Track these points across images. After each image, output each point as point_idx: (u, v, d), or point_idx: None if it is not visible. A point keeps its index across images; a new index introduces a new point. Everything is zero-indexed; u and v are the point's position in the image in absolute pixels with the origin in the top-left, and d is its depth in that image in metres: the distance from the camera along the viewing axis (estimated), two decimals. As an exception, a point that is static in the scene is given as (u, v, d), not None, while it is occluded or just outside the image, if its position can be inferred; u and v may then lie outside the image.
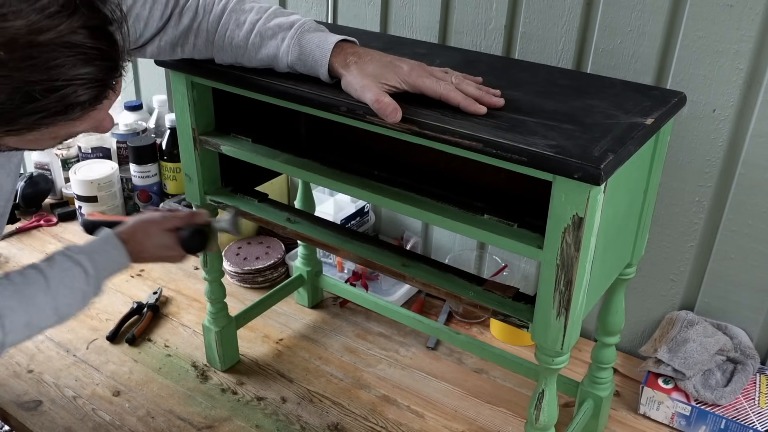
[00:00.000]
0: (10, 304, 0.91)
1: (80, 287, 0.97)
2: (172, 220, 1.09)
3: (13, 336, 0.91)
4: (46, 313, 0.94)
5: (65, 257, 0.98)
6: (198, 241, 1.10)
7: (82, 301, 0.99)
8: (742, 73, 1.08)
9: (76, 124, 0.75)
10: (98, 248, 1.03)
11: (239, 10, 0.96)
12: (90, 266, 0.98)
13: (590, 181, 0.72)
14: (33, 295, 0.93)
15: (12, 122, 0.69)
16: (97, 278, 1.00)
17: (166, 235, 1.08)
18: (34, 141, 0.76)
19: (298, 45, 0.91)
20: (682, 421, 1.19)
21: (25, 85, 0.66)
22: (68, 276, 0.96)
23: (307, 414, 1.24)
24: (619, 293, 1.07)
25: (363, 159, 1.07)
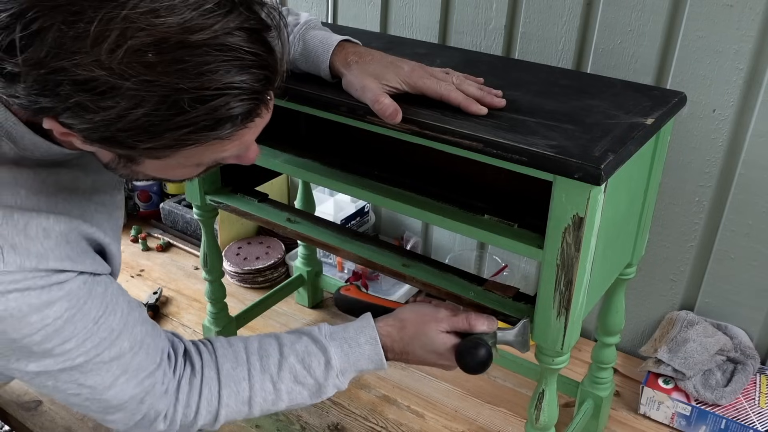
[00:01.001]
0: (236, 374, 0.86)
1: (315, 378, 0.88)
2: (452, 319, 0.89)
3: (228, 411, 0.86)
4: (268, 395, 0.87)
5: (311, 339, 0.89)
6: (479, 359, 0.86)
7: (314, 393, 0.89)
8: (742, 73, 1.08)
9: (225, 146, 0.66)
10: (351, 339, 0.90)
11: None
12: (336, 359, 0.88)
13: (590, 181, 0.72)
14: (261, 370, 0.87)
15: (157, 137, 0.60)
16: (342, 373, 0.89)
17: (443, 338, 0.89)
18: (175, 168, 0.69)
19: (301, 40, 0.91)
20: (682, 421, 1.19)
21: (174, 93, 0.58)
22: (306, 362, 0.88)
23: (307, 414, 1.24)
24: (619, 293, 1.07)
25: (363, 159, 1.07)
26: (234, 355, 0.87)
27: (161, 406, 0.82)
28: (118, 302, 0.77)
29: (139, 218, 1.81)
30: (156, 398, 0.81)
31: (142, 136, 0.60)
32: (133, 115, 0.58)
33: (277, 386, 0.87)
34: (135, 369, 0.79)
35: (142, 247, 1.70)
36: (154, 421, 0.83)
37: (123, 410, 0.80)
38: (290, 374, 0.88)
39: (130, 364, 0.78)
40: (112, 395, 0.78)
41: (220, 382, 0.85)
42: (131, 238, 1.73)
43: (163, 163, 0.67)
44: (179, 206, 1.72)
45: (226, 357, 0.87)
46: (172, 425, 0.84)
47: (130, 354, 0.78)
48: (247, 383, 0.86)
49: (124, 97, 0.57)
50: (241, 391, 0.86)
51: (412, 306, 0.94)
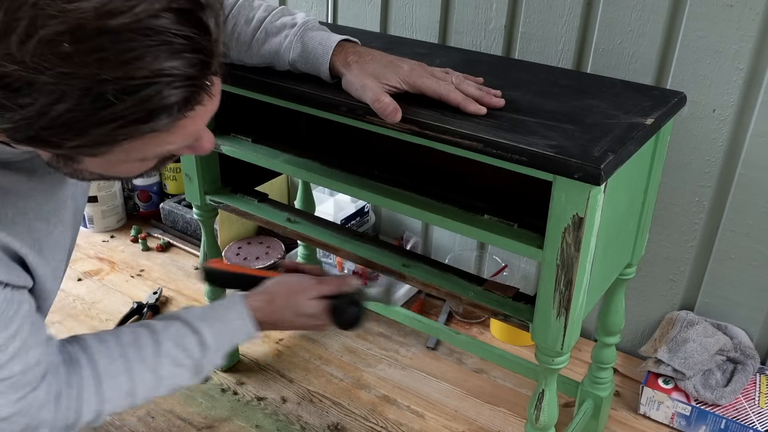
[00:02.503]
0: (113, 368, 0.83)
1: (194, 358, 0.88)
2: (319, 287, 0.95)
3: (111, 405, 0.84)
4: (149, 383, 0.85)
5: (183, 322, 0.89)
6: (353, 314, 0.95)
7: (194, 373, 0.89)
8: (742, 73, 1.08)
9: (166, 139, 0.61)
10: (222, 316, 0.92)
11: (248, 6, 0.96)
12: (209, 337, 0.89)
13: (590, 181, 0.72)
14: (140, 360, 0.85)
15: (84, 134, 0.56)
16: (216, 350, 0.90)
17: (313, 305, 0.95)
18: (118, 164, 0.65)
19: (300, 42, 0.91)
20: (682, 421, 1.19)
21: (96, 85, 0.53)
22: (181, 344, 0.88)
23: (307, 414, 1.24)
24: (619, 293, 1.07)
25: (363, 159, 1.07)
26: (107, 349, 0.85)
27: (44, 415, 0.80)
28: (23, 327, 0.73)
29: (139, 218, 1.81)
30: (38, 410, 0.79)
31: (67, 134, 0.56)
32: (54, 112, 0.54)
33: (157, 373, 0.86)
34: (21, 385, 0.75)
35: (142, 247, 1.70)
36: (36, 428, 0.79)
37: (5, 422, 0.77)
38: (168, 359, 0.87)
39: (16, 383, 0.74)
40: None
41: (99, 380, 0.82)
42: (131, 238, 1.73)
43: (103, 161, 0.63)
44: (179, 206, 1.72)
45: (100, 353, 0.84)
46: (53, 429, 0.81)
47: (20, 375, 0.74)
48: (126, 376, 0.84)
49: (42, 93, 0.53)
50: (122, 384, 0.84)
51: (280, 278, 0.97)
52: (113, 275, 1.60)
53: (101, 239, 1.74)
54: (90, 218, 1.74)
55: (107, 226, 1.76)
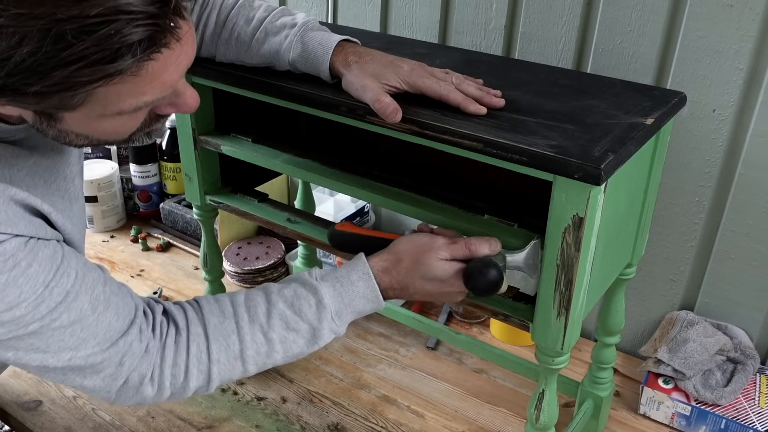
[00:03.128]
0: (224, 327, 0.81)
1: (309, 321, 0.83)
2: (452, 248, 0.84)
3: (220, 368, 0.81)
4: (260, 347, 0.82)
5: (300, 283, 0.85)
6: (491, 279, 0.81)
7: (310, 339, 0.83)
8: (742, 73, 1.08)
9: (138, 87, 0.61)
10: (343, 277, 0.85)
11: (249, 6, 0.96)
12: (327, 297, 0.83)
13: (590, 181, 0.72)
14: (251, 321, 0.81)
15: (47, 76, 0.57)
16: (336, 314, 0.84)
17: (445, 266, 0.83)
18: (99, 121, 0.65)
19: (300, 42, 0.91)
20: (682, 421, 1.19)
21: (55, 25, 0.54)
22: (296, 306, 0.83)
23: (307, 414, 1.24)
24: (619, 293, 1.07)
25: (363, 159, 1.07)
26: (220, 309, 0.83)
27: (144, 367, 0.78)
28: (70, 264, 0.73)
29: (139, 218, 1.81)
30: (136, 359, 0.77)
31: (32, 78, 0.57)
32: (18, 56, 0.55)
33: (268, 336, 0.82)
34: (104, 329, 0.75)
35: (142, 247, 1.70)
36: (139, 385, 0.78)
37: (100, 373, 0.76)
38: (281, 321, 0.82)
39: (97, 325, 0.74)
40: (82, 358, 0.74)
41: (208, 338, 0.81)
42: (131, 238, 1.73)
43: (81, 116, 0.63)
44: (179, 206, 1.72)
45: (212, 312, 0.82)
46: (161, 389, 0.80)
47: (94, 315, 0.74)
48: (236, 336, 0.81)
49: (2, 37, 0.55)
50: (232, 345, 0.81)
51: (408, 237, 0.88)
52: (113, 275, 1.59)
53: (101, 239, 1.74)
54: (90, 218, 1.74)
55: (107, 226, 1.76)
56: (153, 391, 0.80)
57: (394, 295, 0.87)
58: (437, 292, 0.86)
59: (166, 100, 0.70)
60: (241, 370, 0.84)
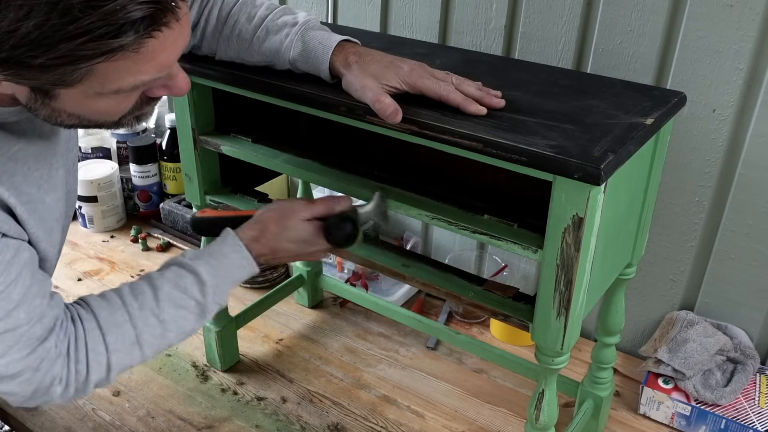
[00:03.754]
0: (115, 318, 0.83)
1: (194, 298, 0.86)
2: (311, 208, 0.93)
3: (119, 357, 0.83)
4: (154, 329, 0.85)
5: (177, 265, 0.88)
6: (348, 231, 0.92)
7: (199, 315, 0.87)
8: (742, 73, 1.08)
9: (138, 64, 0.63)
10: (216, 252, 0.90)
11: (251, 4, 0.96)
12: (205, 274, 0.87)
13: (590, 181, 0.72)
14: (140, 307, 0.84)
15: (52, 49, 0.58)
16: (217, 287, 0.88)
17: (307, 226, 0.92)
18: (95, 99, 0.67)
19: (301, 41, 0.91)
20: (682, 421, 1.19)
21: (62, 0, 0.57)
22: (180, 285, 0.86)
23: (307, 414, 1.24)
24: (619, 293, 1.07)
25: (363, 159, 1.07)
26: (108, 302, 0.85)
27: (56, 370, 0.79)
28: (22, 273, 0.74)
29: (139, 218, 1.81)
30: (51, 364, 0.79)
31: (37, 50, 0.58)
32: (24, 28, 0.57)
33: (160, 317, 0.85)
34: (28, 338, 0.76)
35: (142, 247, 1.70)
36: (50, 386, 0.80)
37: (17, 379, 0.77)
38: (169, 301, 0.85)
39: (24, 335, 0.75)
40: (4, 366, 0.75)
41: (102, 329, 0.82)
42: (131, 238, 1.73)
43: (78, 93, 0.64)
44: (179, 206, 1.72)
45: (101, 306, 0.84)
46: (67, 387, 0.81)
47: (27, 326, 0.75)
48: (129, 324, 0.83)
49: (10, 9, 0.57)
50: (126, 333, 0.83)
51: (269, 205, 0.94)
52: (113, 275, 1.60)
53: (101, 239, 1.74)
54: (90, 218, 1.74)
55: (107, 226, 1.76)
56: (60, 389, 0.81)
57: (266, 260, 0.92)
58: (304, 252, 0.93)
59: (160, 82, 0.71)
60: (139, 355, 0.85)
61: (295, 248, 0.92)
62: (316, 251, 0.93)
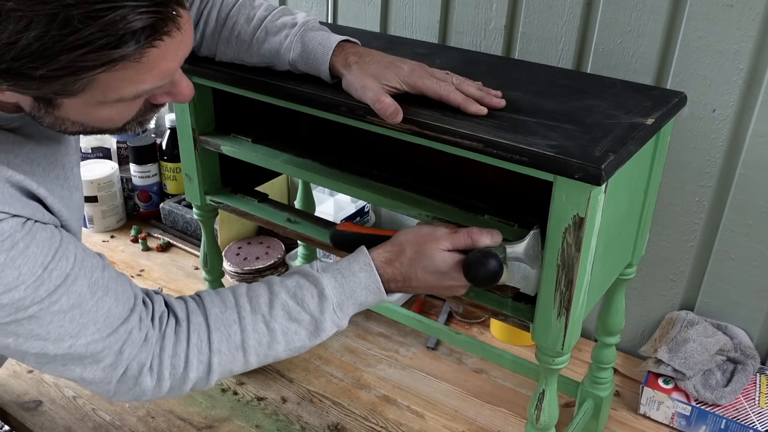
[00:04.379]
0: (225, 317, 0.81)
1: (311, 313, 0.82)
2: (454, 238, 0.83)
3: (221, 358, 0.80)
4: (262, 337, 0.81)
5: (301, 274, 0.84)
6: (490, 271, 0.81)
7: (312, 332, 0.83)
8: (742, 73, 1.08)
9: (139, 73, 0.63)
10: (344, 269, 0.84)
11: (249, 5, 0.96)
12: (329, 288, 0.82)
13: (591, 181, 0.72)
14: (252, 311, 0.81)
15: (53, 60, 0.58)
16: (339, 306, 0.83)
17: (446, 257, 0.83)
18: (98, 108, 0.66)
19: (300, 42, 0.91)
20: (682, 421, 1.19)
21: (62, 10, 0.56)
22: (298, 297, 0.82)
23: (307, 414, 1.24)
24: (620, 293, 1.07)
25: (363, 159, 1.07)
26: (221, 300, 0.83)
27: (143, 356, 0.77)
28: (68, 248, 0.73)
29: (139, 218, 1.81)
30: (136, 347, 0.76)
31: (38, 62, 0.58)
32: (24, 40, 0.57)
33: (270, 326, 0.81)
34: (104, 315, 0.74)
35: (142, 247, 1.70)
36: (138, 375, 0.78)
37: (99, 363, 0.75)
38: (283, 311, 0.82)
39: (96, 311, 0.74)
40: (82, 346, 0.73)
41: (209, 327, 0.80)
42: (131, 238, 1.73)
43: (81, 102, 0.64)
44: (179, 206, 1.72)
45: (213, 303, 0.82)
46: (160, 380, 0.79)
47: (93, 300, 0.73)
48: (238, 326, 0.81)
49: (10, 20, 0.56)
50: (233, 335, 0.80)
51: (409, 229, 0.87)
52: (113, 275, 1.60)
53: (101, 239, 1.74)
54: (90, 218, 1.74)
55: (107, 226, 1.76)
56: (152, 381, 0.79)
57: (397, 287, 0.86)
58: (439, 285, 0.85)
59: (163, 89, 0.71)
60: (242, 361, 0.82)
61: (430, 279, 0.84)
62: (452, 286, 0.85)
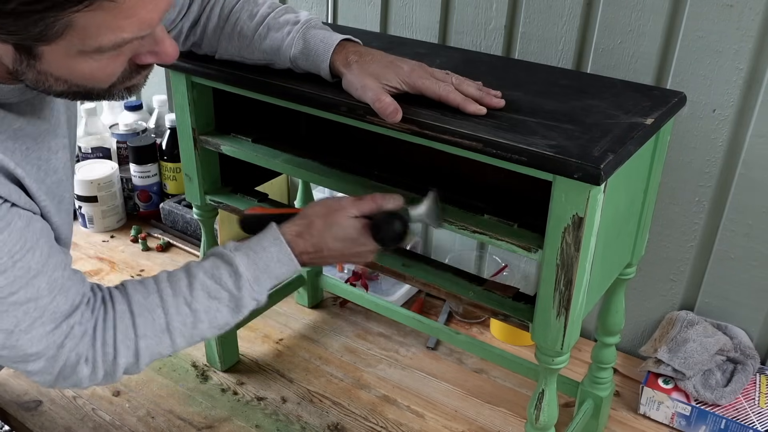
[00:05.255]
0: (147, 302, 0.82)
1: (228, 290, 0.84)
2: (359, 204, 0.87)
3: (148, 342, 0.82)
4: (186, 318, 0.83)
5: (216, 255, 0.86)
6: (397, 230, 0.86)
7: (233, 309, 0.85)
8: (742, 73, 1.08)
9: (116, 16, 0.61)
10: (255, 245, 0.87)
11: (252, 2, 0.96)
12: (242, 266, 0.85)
13: (590, 181, 0.72)
14: (174, 294, 0.83)
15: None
16: (254, 281, 0.85)
17: (354, 223, 0.86)
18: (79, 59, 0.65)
19: (302, 39, 0.91)
20: (682, 421, 1.19)
21: None
22: (215, 276, 0.84)
23: (307, 414, 1.24)
24: (619, 293, 1.07)
25: (363, 159, 1.07)
26: (144, 286, 0.84)
27: (81, 348, 0.79)
28: (38, 242, 0.73)
29: (139, 218, 1.81)
30: (75, 340, 0.78)
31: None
32: None
33: (192, 306, 0.83)
34: (52, 312, 0.75)
35: (142, 247, 1.70)
36: (76, 365, 0.79)
37: (42, 357, 0.76)
38: (203, 291, 0.84)
39: (47, 307, 0.74)
40: (29, 341, 0.74)
41: (133, 313, 0.81)
42: (131, 238, 1.73)
43: (61, 51, 0.63)
44: (179, 206, 1.72)
45: (136, 290, 0.84)
46: (95, 369, 0.80)
47: (49, 297, 0.74)
48: (161, 309, 0.82)
49: None
50: (157, 318, 0.82)
51: (315, 202, 0.90)
52: (113, 275, 1.60)
53: (101, 239, 1.74)
54: (90, 218, 1.74)
55: (107, 226, 1.76)
56: (88, 370, 0.80)
57: (309, 259, 0.88)
58: (350, 252, 0.88)
59: (146, 47, 0.69)
60: (169, 343, 0.84)
61: (341, 246, 0.87)
62: (362, 251, 0.88)
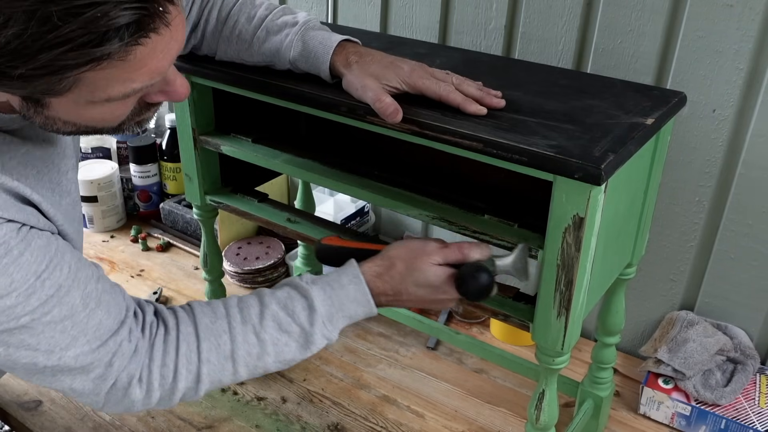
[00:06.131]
0: (215, 327, 0.80)
1: (300, 324, 0.82)
2: (445, 252, 0.84)
3: (210, 368, 0.79)
4: (252, 348, 0.81)
5: (291, 286, 0.84)
6: (482, 284, 0.82)
7: (302, 344, 0.82)
8: (742, 73, 1.08)
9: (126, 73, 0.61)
10: (335, 282, 0.83)
11: (250, 4, 0.96)
12: (318, 300, 0.82)
13: (591, 181, 0.72)
14: (243, 321, 0.80)
15: (31, 59, 0.56)
16: (328, 319, 0.82)
17: (437, 271, 0.83)
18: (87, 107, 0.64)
19: (301, 41, 0.91)
20: (682, 421, 1.19)
21: (41, 7, 0.54)
22: (288, 308, 0.82)
23: (307, 414, 1.24)
24: (620, 293, 1.07)
25: (363, 159, 1.07)
26: (212, 310, 0.82)
27: (133, 367, 0.77)
28: (64, 258, 0.72)
29: (139, 218, 1.81)
30: (125, 359, 0.76)
31: (17, 61, 0.56)
32: (3, 38, 0.55)
33: (260, 336, 0.81)
34: (95, 327, 0.74)
35: (142, 247, 1.70)
36: (128, 386, 0.77)
37: (89, 374, 0.75)
38: (273, 322, 0.81)
39: (88, 323, 0.73)
40: (72, 358, 0.73)
41: (199, 336, 0.79)
42: (131, 238, 1.73)
43: (69, 102, 0.63)
44: (179, 206, 1.72)
45: (203, 313, 0.82)
46: (149, 391, 0.78)
47: (85, 312, 0.73)
48: (228, 335, 0.80)
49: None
50: (222, 345, 0.80)
51: (399, 243, 0.87)
52: (113, 275, 1.60)
53: (101, 239, 1.74)
54: (90, 218, 1.74)
55: (107, 226, 1.76)
56: (142, 393, 0.78)
57: (387, 301, 0.86)
58: (430, 299, 0.85)
59: (156, 87, 0.69)
60: (231, 371, 0.82)
61: (422, 293, 0.84)
62: (443, 300, 0.85)
